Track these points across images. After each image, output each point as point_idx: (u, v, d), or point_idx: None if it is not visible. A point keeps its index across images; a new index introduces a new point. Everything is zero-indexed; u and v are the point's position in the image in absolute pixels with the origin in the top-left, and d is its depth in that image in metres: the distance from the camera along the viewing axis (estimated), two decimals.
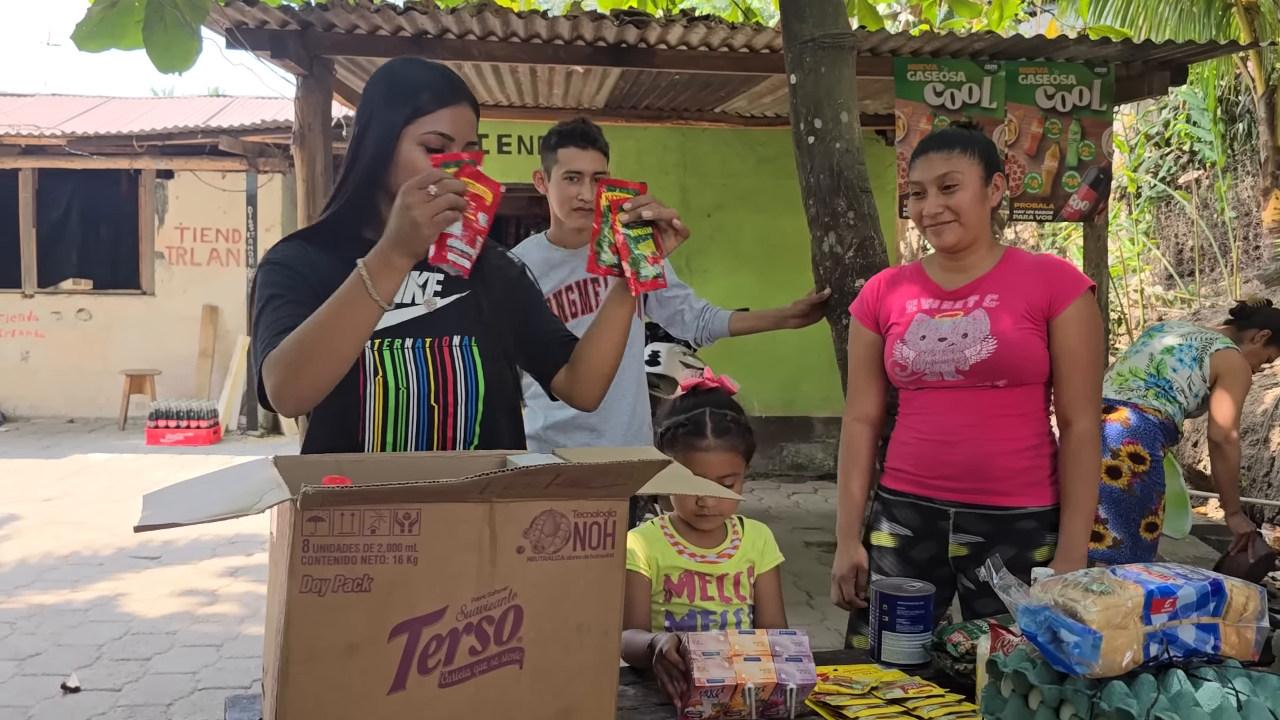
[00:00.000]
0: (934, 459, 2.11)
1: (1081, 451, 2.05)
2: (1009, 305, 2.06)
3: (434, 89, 1.67)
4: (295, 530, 1.21)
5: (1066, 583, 1.45)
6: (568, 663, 1.34)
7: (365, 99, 1.72)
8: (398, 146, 1.66)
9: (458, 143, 1.66)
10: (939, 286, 2.16)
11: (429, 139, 1.65)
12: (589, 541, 1.34)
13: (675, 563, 1.85)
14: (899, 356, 2.14)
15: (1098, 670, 1.36)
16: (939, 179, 2.07)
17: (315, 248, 1.70)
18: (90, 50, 3.36)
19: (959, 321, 2.09)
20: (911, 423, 2.17)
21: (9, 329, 10.29)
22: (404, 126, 1.65)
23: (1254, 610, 1.49)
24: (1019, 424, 2.07)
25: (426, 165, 1.62)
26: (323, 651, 1.23)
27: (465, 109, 1.69)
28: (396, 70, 1.73)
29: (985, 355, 2.04)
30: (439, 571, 1.27)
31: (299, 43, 4.50)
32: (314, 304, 1.55)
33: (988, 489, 2.07)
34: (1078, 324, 2.05)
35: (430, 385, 1.68)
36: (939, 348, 2.09)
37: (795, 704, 1.58)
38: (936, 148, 2.10)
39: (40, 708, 3.57)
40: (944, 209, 2.07)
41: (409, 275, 1.70)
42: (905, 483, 2.17)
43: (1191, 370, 3.67)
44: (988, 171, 2.09)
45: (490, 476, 1.22)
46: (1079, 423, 2.06)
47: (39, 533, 5.97)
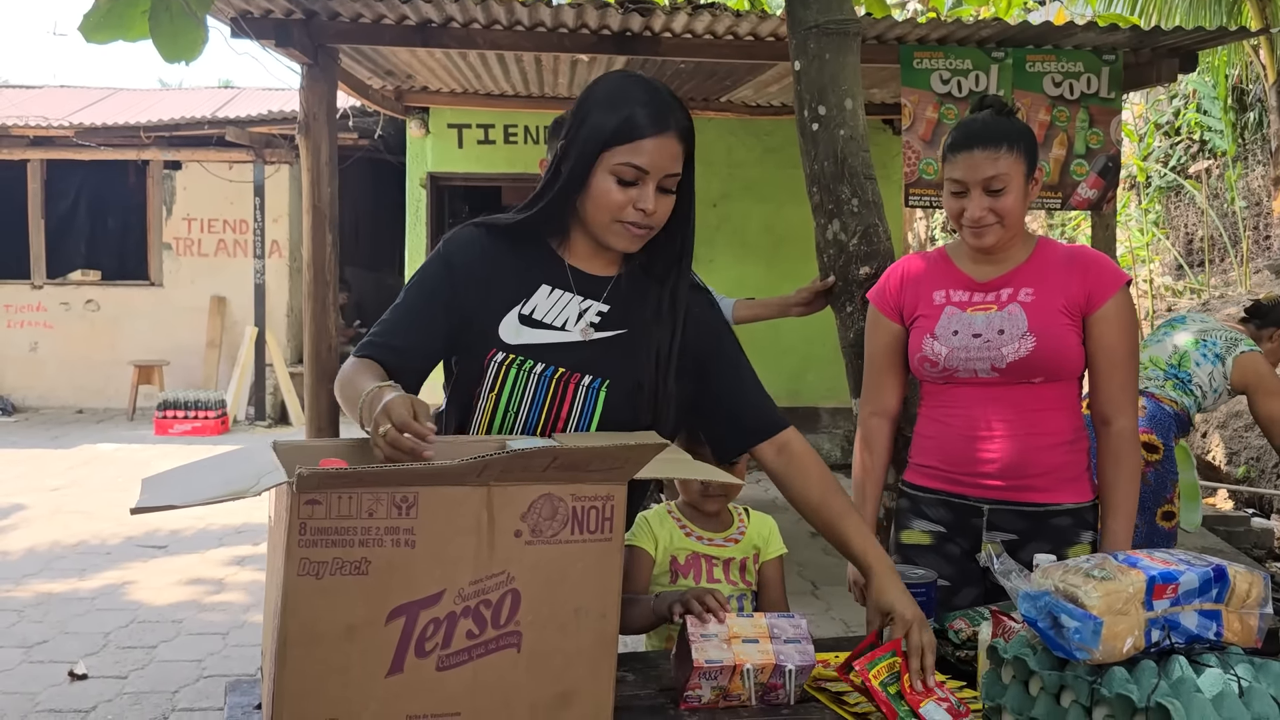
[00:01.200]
0: (967, 455, 2.03)
1: (1123, 450, 1.99)
2: (1045, 300, 1.98)
3: (640, 115, 1.54)
4: (292, 513, 1.21)
5: (1068, 568, 1.44)
6: (566, 646, 1.34)
7: (576, 110, 1.62)
8: (594, 170, 1.57)
9: (653, 176, 1.55)
10: (969, 278, 2.05)
11: (622, 170, 1.55)
12: (587, 525, 1.34)
13: (683, 544, 1.86)
14: (929, 352, 2.03)
15: (1098, 656, 1.36)
16: (986, 181, 1.92)
17: (501, 241, 1.66)
18: (98, 41, 3.36)
19: (993, 316, 1.99)
20: (939, 416, 2.07)
21: (18, 320, 10.32)
22: (600, 152, 1.56)
23: (1257, 597, 1.48)
24: (1054, 419, 2.01)
25: (617, 196, 1.55)
26: (321, 634, 1.24)
27: (670, 139, 1.56)
28: (610, 86, 1.61)
29: (1024, 354, 1.96)
30: (437, 555, 1.27)
31: (303, 31, 4.49)
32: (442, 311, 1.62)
33: (1024, 485, 2.01)
34: (1116, 320, 1.98)
35: (541, 415, 1.63)
36: (974, 344, 1.99)
37: (795, 687, 1.57)
38: (983, 144, 1.93)
39: (47, 695, 3.59)
40: (989, 212, 1.93)
41: (573, 298, 1.65)
42: (935, 479, 2.09)
43: (1214, 366, 3.66)
44: (1030, 166, 1.97)
45: (487, 459, 1.22)
46: (1118, 420, 2.00)
47: (47, 522, 6.00)
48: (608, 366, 1.63)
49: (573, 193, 1.60)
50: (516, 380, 1.61)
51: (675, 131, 1.56)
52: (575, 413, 1.63)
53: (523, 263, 1.65)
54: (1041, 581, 1.45)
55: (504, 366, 1.61)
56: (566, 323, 1.64)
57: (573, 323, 1.64)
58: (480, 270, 1.64)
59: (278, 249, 10.22)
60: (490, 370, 1.61)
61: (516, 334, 1.62)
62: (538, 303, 1.64)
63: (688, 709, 1.54)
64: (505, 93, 6.75)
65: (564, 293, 1.65)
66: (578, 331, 1.64)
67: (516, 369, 1.61)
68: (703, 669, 1.52)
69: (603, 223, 1.59)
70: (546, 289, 1.64)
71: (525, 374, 1.61)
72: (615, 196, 1.56)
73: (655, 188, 1.56)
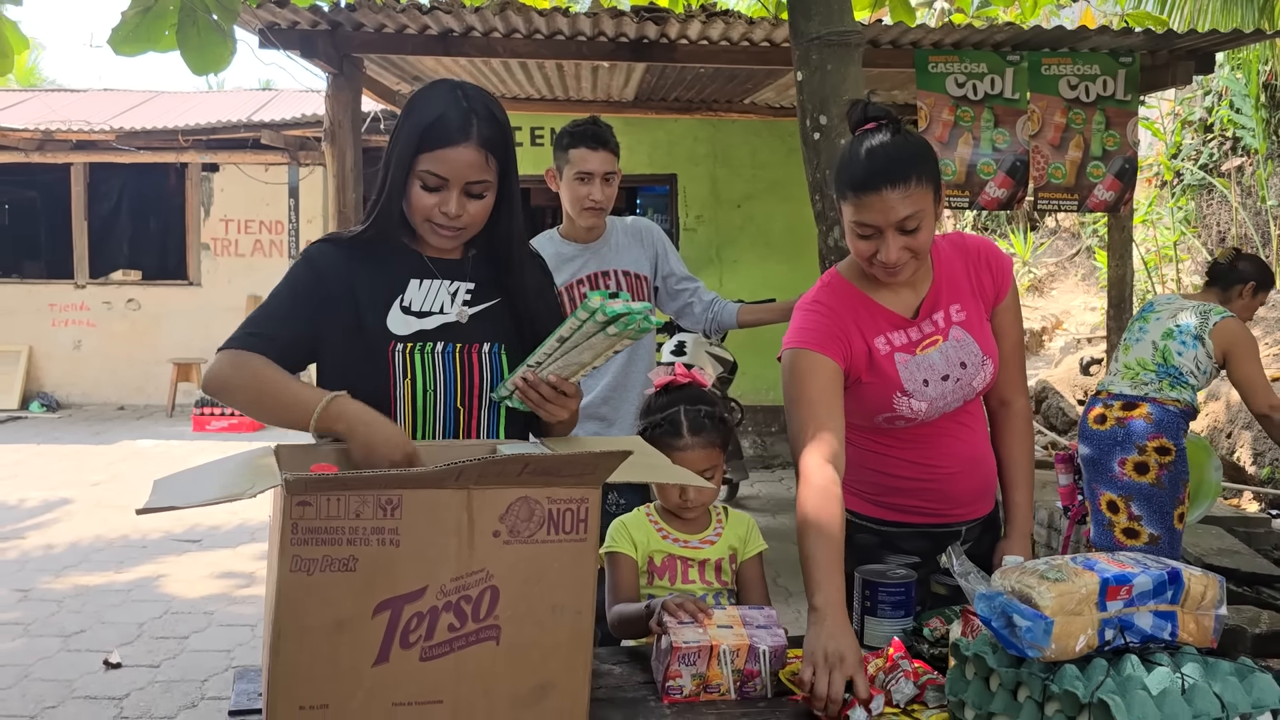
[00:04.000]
0: (951, 491, 2.00)
1: (1023, 427, 2.06)
2: (974, 313, 1.95)
3: (440, 127, 1.66)
4: (285, 514, 1.31)
5: (1025, 570, 1.51)
6: (543, 640, 1.42)
7: (395, 124, 1.75)
8: (409, 181, 1.70)
9: (454, 183, 1.67)
10: (895, 314, 1.92)
11: (425, 177, 1.68)
12: (562, 527, 1.42)
13: (659, 546, 1.92)
14: (905, 410, 1.90)
15: (1051, 654, 1.42)
16: (901, 223, 1.76)
17: (357, 250, 1.78)
18: (127, 54, 3.50)
19: (946, 349, 1.92)
20: (911, 456, 1.98)
21: (62, 318, 10.61)
22: (412, 161, 1.68)
23: (1212, 598, 1.53)
24: (985, 426, 2.07)
25: (425, 200, 1.69)
26: (311, 627, 1.33)
27: (468, 149, 1.67)
28: (420, 99, 1.73)
29: (989, 378, 1.96)
30: (420, 553, 1.36)
31: (329, 42, 4.62)
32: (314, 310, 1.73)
33: (987, 497, 2.07)
34: (1012, 308, 2.01)
35: (457, 389, 1.75)
36: (947, 388, 1.91)
37: (769, 674, 1.64)
38: (892, 182, 1.74)
39: (83, 681, 3.75)
40: (904, 250, 1.79)
41: (440, 283, 1.78)
42: (912, 515, 2.02)
43: (1195, 350, 3.67)
44: (938, 192, 1.82)
45: (463, 465, 1.31)
46: (1017, 401, 2.05)
47: (88, 516, 6.20)
48: (497, 332, 1.79)
49: (397, 198, 1.73)
50: (424, 363, 1.74)
51: (475, 141, 1.67)
52: (486, 379, 1.78)
53: (385, 264, 1.78)
54: (998, 582, 1.51)
55: (407, 354, 1.73)
56: (443, 306, 1.78)
57: (448, 305, 1.78)
58: (348, 277, 1.75)
59: None
60: (396, 361, 1.73)
61: (405, 325, 1.75)
62: (412, 295, 1.77)
63: (670, 702, 1.61)
64: (531, 96, 6.86)
65: (431, 281, 1.78)
66: (454, 313, 1.78)
67: (420, 354, 1.74)
68: (681, 651, 1.59)
69: (418, 223, 1.74)
70: (415, 282, 1.78)
71: (429, 356, 1.75)
72: (423, 200, 1.70)
73: (460, 193, 1.69)
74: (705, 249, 7.99)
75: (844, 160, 1.84)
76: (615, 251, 2.93)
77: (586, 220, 2.85)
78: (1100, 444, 3.77)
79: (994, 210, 6.94)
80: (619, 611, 1.87)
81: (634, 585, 1.90)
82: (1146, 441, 3.67)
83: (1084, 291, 10.19)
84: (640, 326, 1.59)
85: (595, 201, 2.79)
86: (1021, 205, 4.72)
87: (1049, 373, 8.78)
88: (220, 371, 1.72)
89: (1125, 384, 3.78)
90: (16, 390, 10.30)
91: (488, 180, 1.71)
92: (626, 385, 2.89)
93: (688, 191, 7.98)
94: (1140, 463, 3.67)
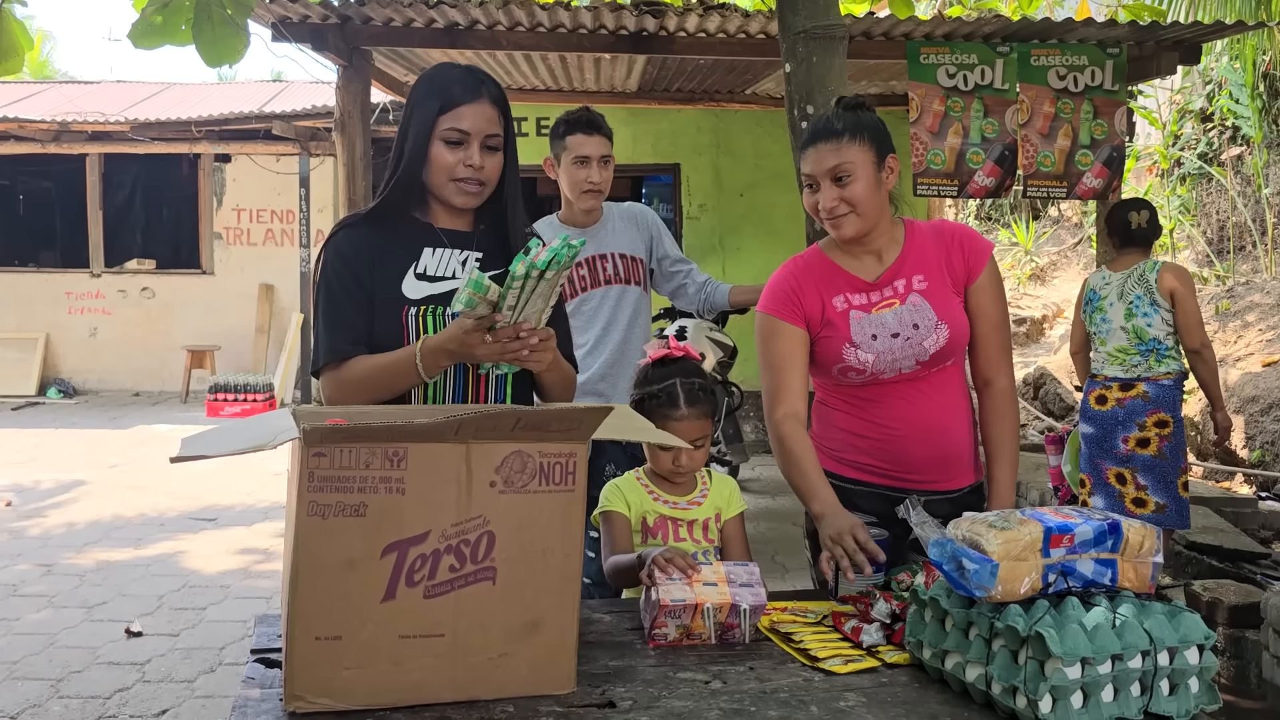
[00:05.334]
0: (902, 454, 2.11)
1: (1004, 407, 2.15)
2: (937, 284, 2.08)
3: (455, 88, 1.86)
4: (302, 464, 1.46)
5: (975, 520, 1.65)
6: (535, 581, 1.56)
7: (408, 102, 1.93)
8: (430, 144, 1.87)
9: (475, 136, 1.86)
10: (858, 279, 2.10)
11: (449, 134, 1.86)
12: (552, 478, 1.57)
13: (652, 508, 2.06)
14: (854, 361, 2.06)
15: (997, 595, 1.56)
16: (830, 171, 2.00)
17: (371, 227, 1.94)
18: (146, 47, 3.66)
19: (900, 311, 2.07)
20: (868, 415, 2.12)
21: (79, 307, 10.81)
22: (434, 126, 1.86)
23: (1150, 548, 1.67)
24: (960, 401, 2.16)
25: (449, 158, 1.86)
26: (325, 566, 1.48)
27: (483, 104, 1.87)
28: (430, 74, 1.94)
29: (943, 342, 2.06)
30: (423, 501, 1.51)
31: (338, 35, 4.77)
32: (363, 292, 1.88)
33: (950, 474, 2.14)
34: (990, 288, 2.11)
35: None
36: (896, 345, 2.05)
37: (749, 626, 1.78)
38: (824, 138, 2.02)
39: (107, 649, 3.92)
40: (840, 202, 2.01)
41: (451, 252, 1.94)
42: (869, 474, 2.14)
43: (1155, 315, 3.90)
44: (880, 155, 2.03)
45: (461, 419, 1.46)
46: (999, 380, 2.15)
47: (107, 496, 6.39)
48: None
49: (417, 167, 1.89)
50: (436, 325, 1.89)
51: (488, 98, 1.88)
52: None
53: (399, 237, 1.93)
54: (951, 531, 1.66)
55: (419, 317, 1.89)
56: (454, 272, 1.94)
57: (460, 271, 1.94)
58: (372, 254, 1.91)
59: (322, 238, 10.56)
60: (410, 324, 1.88)
61: (417, 290, 1.91)
62: (426, 263, 1.93)
63: (655, 646, 1.75)
64: (536, 87, 6.99)
65: (444, 250, 1.94)
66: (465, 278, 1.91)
67: (431, 316, 1.89)
68: (668, 607, 1.74)
69: (441, 184, 1.89)
70: (429, 250, 1.94)
71: (441, 318, 1.90)
72: (446, 158, 1.86)
73: (480, 146, 1.86)
74: (708, 237, 8.11)
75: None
76: (612, 235, 3.07)
77: (585, 203, 2.99)
78: (1103, 423, 4.00)
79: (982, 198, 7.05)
80: (614, 562, 2.00)
81: (628, 540, 2.04)
82: (1146, 418, 3.92)
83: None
84: (570, 255, 1.72)
85: (593, 184, 2.93)
86: (1009, 193, 4.84)
87: (1048, 359, 8.89)
88: (332, 395, 1.89)
89: (1118, 369, 3.99)
90: (34, 377, 10.50)
91: (500, 135, 1.89)
92: (623, 362, 3.03)
93: (691, 181, 8.10)
94: (1142, 438, 3.92)
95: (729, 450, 6.49)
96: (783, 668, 1.70)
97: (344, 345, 1.89)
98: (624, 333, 3.04)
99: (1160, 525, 3.83)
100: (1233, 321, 7.44)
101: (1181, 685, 1.54)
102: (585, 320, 3.01)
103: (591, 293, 3.04)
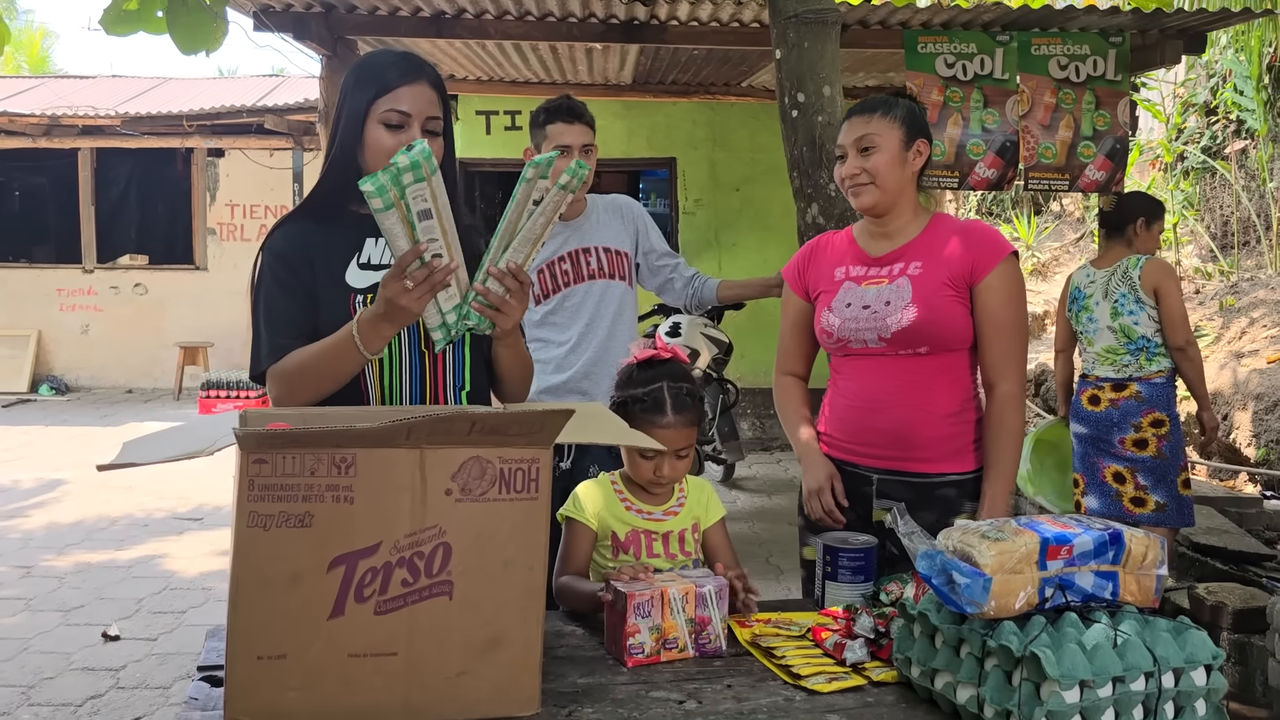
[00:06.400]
0: (859, 425, 2.15)
1: (1005, 413, 2.09)
2: (932, 273, 2.09)
3: (392, 70, 1.78)
4: (242, 471, 1.36)
5: (967, 530, 1.55)
6: (496, 594, 1.46)
7: (341, 88, 1.85)
8: (365, 128, 1.78)
9: (415, 117, 1.77)
10: (866, 254, 2.19)
11: (388, 116, 1.77)
12: (514, 486, 1.46)
13: (623, 518, 1.92)
14: (825, 324, 2.18)
15: (990, 611, 1.46)
16: (857, 141, 2.11)
17: (310, 222, 1.86)
18: (119, 34, 3.56)
19: (883, 289, 2.12)
20: (841, 388, 2.22)
21: (70, 303, 10.72)
22: (368, 107, 1.77)
23: (1154, 559, 1.57)
24: (943, 391, 2.11)
25: (388, 141, 1.76)
26: (268, 580, 1.38)
27: (422, 86, 1.79)
28: (366, 59, 1.88)
29: (906, 323, 2.07)
30: (374, 510, 1.40)
31: (322, 24, 4.66)
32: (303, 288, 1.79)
33: (910, 456, 2.11)
34: (1000, 289, 2.08)
35: (420, 333, 1.82)
36: (862, 315, 2.12)
37: (720, 621, 1.68)
38: (859, 112, 2.14)
39: (81, 654, 3.82)
40: (860, 170, 2.10)
41: None
42: (833, 448, 2.22)
43: (1141, 312, 3.81)
44: (909, 136, 2.11)
45: (411, 422, 1.36)
46: (1001, 385, 2.10)
47: (92, 495, 6.29)
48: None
49: (351, 154, 1.79)
50: None
51: (426, 80, 1.81)
52: None
53: (338, 229, 1.84)
54: (941, 541, 1.55)
55: (367, 303, 1.78)
56: None
57: None
58: (312, 247, 1.82)
59: None
60: (358, 311, 1.76)
61: (362, 279, 1.82)
62: (369, 251, 1.85)
63: (634, 665, 1.64)
64: (529, 80, 6.88)
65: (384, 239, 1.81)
66: None
67: None
68: (636, 599, 1.64)
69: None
70: (371, 240, 1.85)
71: None
72: (386, 142, 1.76)
73: (421, 130, 1.78)
74: (704, 232, 8.00)
75: None
76: (596, 228, 2.97)
77: None
78: (1097, 424, 3.92)
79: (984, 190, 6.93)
80: (568, 583, 1.87)
81: (586, 555, 1.91)
82: (1141, 418, 3.83)
83: None
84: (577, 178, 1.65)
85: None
86: (1011, 186, 4.74)
87: (1050, 356, 8.78)
88: (279, 395, 1.80)
89: (1109, 369, 3.90)
90: (26, 373, 10.41)
91: (440, 119, 1.81)
92: (606, 360, 2.92)
93: (686, 175, 7.99)
94: (1139, 439, 3.83)
95: (724, 448, 6.40)
96: (762, 685, 1.60)
97: (283, 341, 1.80)
98: (608, 330, 2.94)
99: (1161, 524, 3.77)
100: (1238, 318, 7.33)
101: (1188, 708, 1.44)
102: (568, 317, 2.91)
103: (574, 288, 2.93)
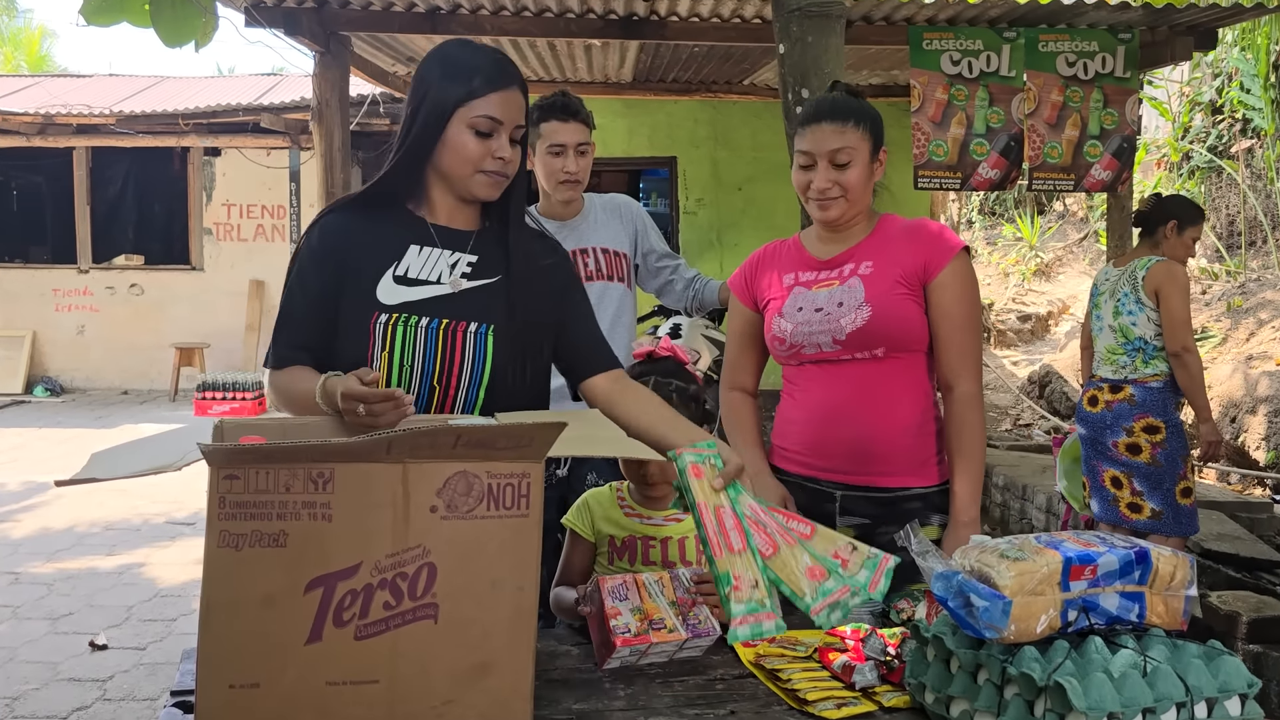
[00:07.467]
0: (817, 437, 2.05)
1: (966, 413, 2.00)
2: (883, 271, 2.02)
3: (486, 73, 1.68)
4: (213, 488, 1.27)
5: (985, 548, 1.46)
6: (483, 618, 1.37)
7: (420, 78, 1.72)
8: (447, 127, 1.68)
9: (506, 125, 1.68)
10: (814, 258, 2.11)
11: (479, 122, 1.67)
12: (503, 502, 1.37)
13: (621, 523, 1.87)
14: (777, 330, 2.09)
15: (1010, 635, 1.37)
16: (831, 153, 1.99)
17: (359, 215, 1.75)
18: (100, 24, 3.45)
19: (835, 291, 2.04)
20: (796, 399, 2.11)
21: (66, 304, 10.64)
22: (455, 109, 1.67)
23: (1182, 579, 1.48)
24: (902, 400, 2.02)
25: (476, 148, 1.67)
26: (241, 602, 1.29)
27: (515, 93, 1.70)
28: (451, 52, 1.74)
29: (860, 323, 1.99)
30: (353, 529, 1.31)
31: (314, 20, 4.57)
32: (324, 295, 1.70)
33: (871, 469, 2.02)
34: (953, 287, 2.00)
35: (435, 366, 1.70)
36: (815, 318, 2.03)
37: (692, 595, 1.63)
38: (830, 118, 2.00)
39: (68, 664, 3.73)
40: (834, 184, 2.00)
41: (441, 252, 1.73)
42: (792, 464, 2.11)
43: (1140, 313, 3.74)
44: (875, 147, 2.04)
45: (392, 436, 1.27)
46: (960, 385, 2.01)
47: (85, 500, 6.20)
48: (489, 312, 1.72)
49: (424, 152, 1.69)
50: (405, 336, 1.69)
51: (518, 87, 1.71)
52: (468, 359, 1.71)
53: (386, 229, 1.73)
54: (958, 561, 1.46)
55: (389, 326, 1.68)
56: (440, 276, 1.73)
57: (445, 276, 1.73)
58: (349, 248, 1.72)
59: None
60: (377, 331, 1.68)
61: (393, 294, 1.70)
62: (410, 262, 1.73)
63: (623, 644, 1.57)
64: (528, 78, 6.80)
65: (432, 249, 1.74)
66: (449, 284, 1.73)
67: (403, 326, 1.69)
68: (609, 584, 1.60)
69: (464, 175, 1.69)
70: (415, 248, 1.73)
71: (412, 329, 1.69)
72: (474, 149, 1.67)
73: (508, 139, 1.69)
74: (706, 232, 7.92)
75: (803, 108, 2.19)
76: (594, 228, 2.88)
77: (562, 194, 2.79)
78: (1095, 425, 3.88)
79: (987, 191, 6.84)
80: (558, 593, 1.85)
81: (585, 568, 1.87)
82: (1133, 423, 3.76)
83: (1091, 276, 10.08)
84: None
85: (570, 174, 2.74)
86: (1014, 186, 4.65)
87: (1054, 357, 8.70)
88: (272, 401, 1.75)
89: (1109, 369, 3.87)
90: (21, 375, 10.34)
91: (524, 126, 1.72)
92: None
93: (688, 174, 7.90)
94: (1131, 444, 3.76)
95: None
96: (767, 711, 1.51)
97: (285, 351, 1.72)
98: (606, 332, 2.83)
99: (1157, 532, 3.68)
100: (1245, 319, 7.24)
101: None
102: None
103: None
